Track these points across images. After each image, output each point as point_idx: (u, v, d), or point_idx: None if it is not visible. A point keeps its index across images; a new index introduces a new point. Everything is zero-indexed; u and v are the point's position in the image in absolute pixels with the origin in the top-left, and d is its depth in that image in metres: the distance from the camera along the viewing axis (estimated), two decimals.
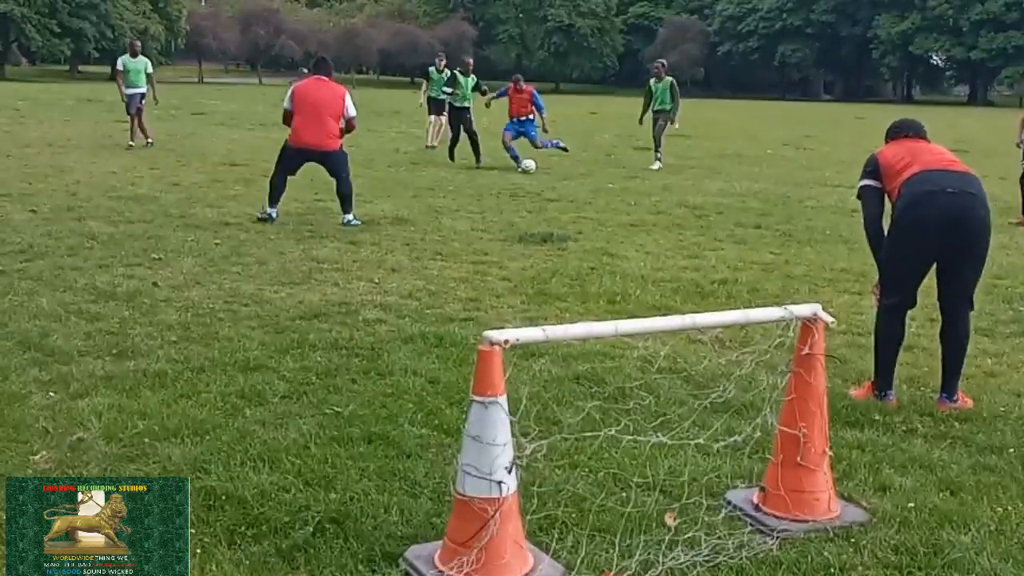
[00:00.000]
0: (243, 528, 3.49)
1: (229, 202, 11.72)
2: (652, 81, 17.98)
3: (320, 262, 8.42)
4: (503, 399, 3.14)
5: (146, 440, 4.28)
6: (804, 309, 3.74)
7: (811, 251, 9.92)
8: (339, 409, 4.75)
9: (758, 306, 6.37)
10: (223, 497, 3.70)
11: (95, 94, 36.57)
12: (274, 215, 10.46)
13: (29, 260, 7.97)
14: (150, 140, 17.94)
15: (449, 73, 18.22)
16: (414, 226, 10.60)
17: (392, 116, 30.82)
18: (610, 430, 3.55)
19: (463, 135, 17.18)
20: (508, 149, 16.77)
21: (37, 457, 4.07)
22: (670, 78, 17.86)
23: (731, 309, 5.97)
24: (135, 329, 6.07)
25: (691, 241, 10.30)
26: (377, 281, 7.78)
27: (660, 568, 3.29)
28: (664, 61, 19.02)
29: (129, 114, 17.83)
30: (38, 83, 37.54)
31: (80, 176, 13.64)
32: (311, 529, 3.47)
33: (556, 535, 3.45)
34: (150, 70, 18.10)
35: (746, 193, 14.65)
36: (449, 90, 17.50)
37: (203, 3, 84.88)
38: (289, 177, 10.65)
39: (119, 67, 18.46)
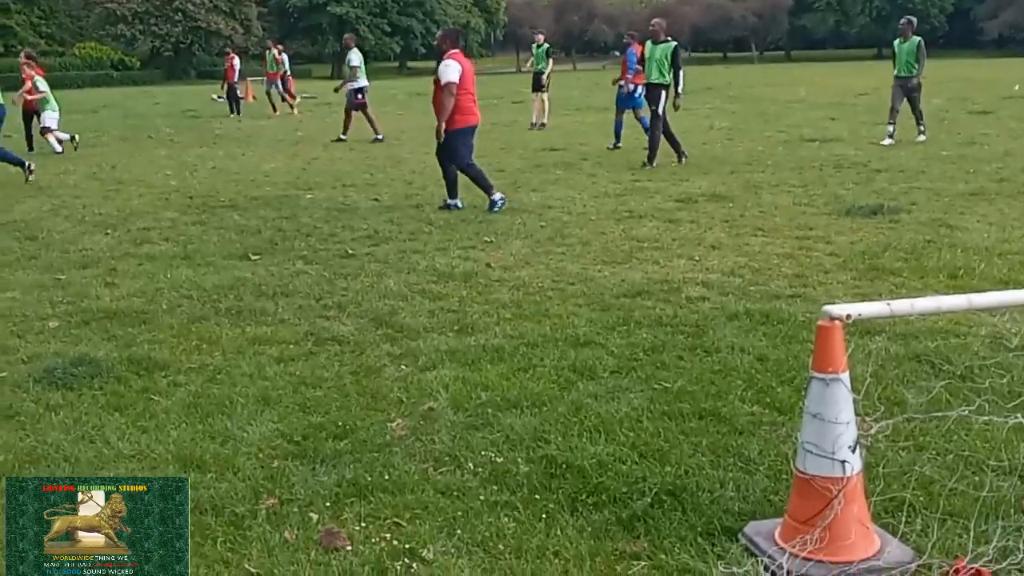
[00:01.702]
0: (584, 496, 3.62)
1: (550, 186, 12.09)
2: (896, 42, 15.70)
3: (640, 241, 8.50)
4: (846, 376, 3.04)
5: (489, 410, 4.53)
6: None
7: None
8: (668, 385, 4.79)
9: None
10: (563, 466, 3.86)
11: (423, 88, 38.87)
12: (499, 200, 10.43)
13: (375, 244, 8.65)
14: (378, 136, 18.59)
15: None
16: (732, 202, 10.45)
17: (704, 92, 30.45)
18: (963, 410, 3.33)
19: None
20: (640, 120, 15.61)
21: (394, 424, 4.42)
22: (918, 38, 15.52)
23: None
24: (473, 307, 6.43)
25: None
26: (698, 259, 7.74)
27: (1021, 555, 3.06)
28: (912, 19, 16.44)
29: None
30: (371, 80, 40.40)
31: (415, 166, 14.58)
32: (649, 500, 3.54)
33: (903, 518, 3.30)
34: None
35: None
36: None
37: None
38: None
39: (355, 63, 18.84)
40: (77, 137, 16.99)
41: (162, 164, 14.65)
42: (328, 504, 3.64)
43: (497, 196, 10.40)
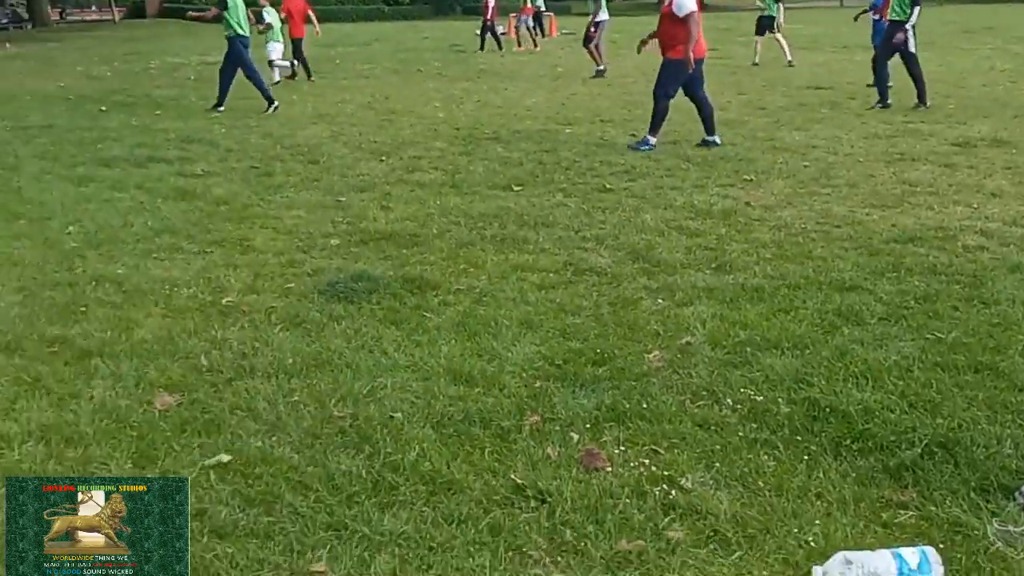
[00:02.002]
0: (848, 441, 3.55)
1: (815, 125, 11.63)
2: None
3: (912, 185, 8.07)
4: None
5: (748, 349, 4.49)
6: None
7: None
8: (941, 335, 4.57)
9: None
10: (826, 409, 3.79)
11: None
12: (650, 146, 10.16)
13: (632, 180, 8.66)
14: (600, 68, 18.19)
15: None
16: (1016, 148, 9.69)
17: (984, 32, 28.15)
18: None
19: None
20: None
21: (651, 356, 4.47)
22: None
23: None
24: (731, 246, 6.35)
25: None
26: (976, 206, 7.27)
27: None
28: None
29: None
30: (630, 16, 40.01)
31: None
32: (919, 451, 3.42)
33: None
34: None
35: None
36: None
37: None
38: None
39: None
40: (297, 69, 17.56)
41: (431, 96, 15.21)
42: (588, 426, 3.75)
43: (653, 140, 10.26)
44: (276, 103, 13.18)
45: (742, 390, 4.06)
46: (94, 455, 3.50)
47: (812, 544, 2.97)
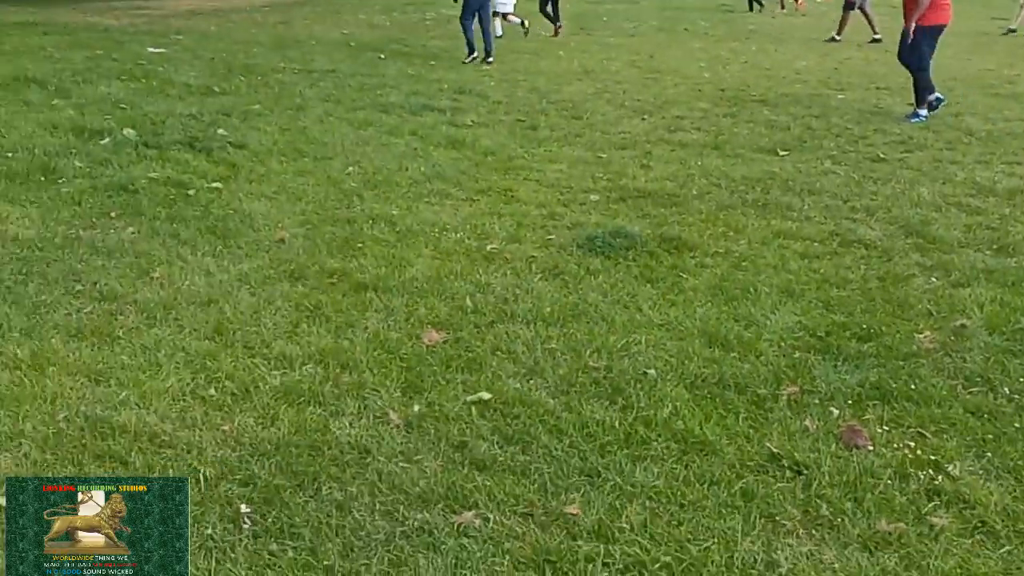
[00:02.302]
0: None
1: None
2: None
3: None
4: None
5: None
6: None
7: None
8: None
9: None
10: None
11: None
12: (924, 116, 9.58)
13: (909, 151, 8.21)
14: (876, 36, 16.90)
15: None
16: None
17: None
18: None
19: None
20: None
21: (922, 336, 4.26)
22: None
23: None
24: (1016, 227, 5.92)
25: None
26: None
27: None
28: None
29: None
30: None
31: (955, 72, 13.49)
32: None
33: None
34: None
35: None
36: None
37: None
38: None
39: None
40: (527, 23, 17.54)
41: (696, 56, 14.96)
42: (850, 402, 3.64)
43: (924, 112, 9.57)
44: (477, 55, 13.53)
45: (1021, 380, 3.81)
46: (367, 381, 3.74)
47: None
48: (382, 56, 13.81)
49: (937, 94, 9.82)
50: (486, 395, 3.65)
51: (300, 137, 8.10)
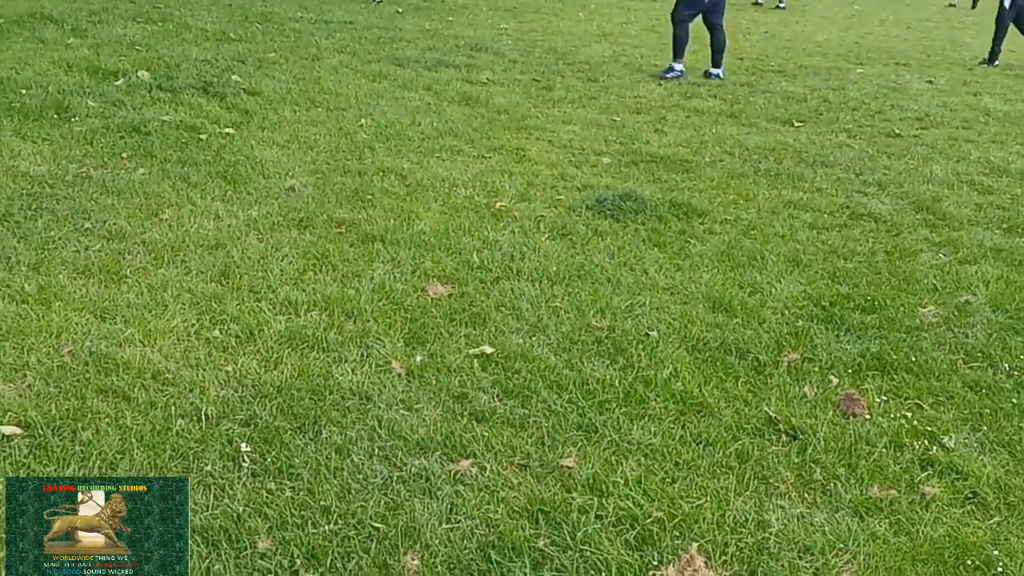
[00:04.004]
0: None
1: None
2: None
3: None
4: None
5: None
6: None
7: None
8: None
9: None
10: None
11: None
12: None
13: (924, 128, 8.17)
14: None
15: None
16: None
17: None
18: None
19: None
20: None
21: (925, 310, 4.27)
22: None
23: None
24: None
25: None
26: None
27: None
28: None
29: None
30: None
31: (978, 53, 13.40)
32: None
33: None
34: None
35: None
36: None
37: None
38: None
39: None
40: None
41: None
42: (849, 371, 3.65)
43: (678, 67, 9.99)
44: None
45: (1022, 357, 3.82)
46: (371, 329, 3.77)
47: None
48: (399, 10, 13.73)
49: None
50: (488, 349, 3.67)
51: (314, 87, 8.08)
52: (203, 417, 3.10)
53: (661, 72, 10.02)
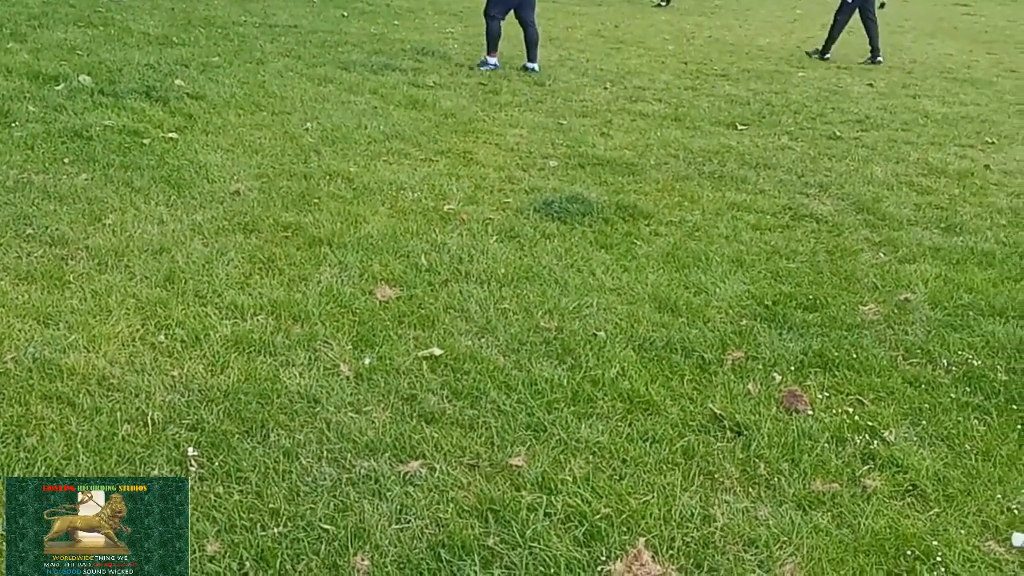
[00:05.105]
0: None
1: None
2: None
3: None
4: None
5: (970, 313, 4.32)
6: None
7: None
8: None
9: None
10: None
11: None
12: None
13: (865, 130, 8.33)
14: None
15: None
16: None
17: None
18: None
19: None
20: None
21: (866, 308, 4.36)
22: None
23: None
24: (964, 207, 6.05)
25: None
26: None
27: None
28: None
29: None
30: None
31: (916, 56, 13.68)
32: None
33: None
34: None
35: None
36: None
37: None
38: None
39: None
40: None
41: (661, 28, 14.99)
42: (792, 368, 3.72)
43: (492, 60, 10.26)
44: None
45: (959, 353, 3.92)
46: (318, 333, 3.76)
47: (1015, 512, 2.88)
48: (345, 14, 13.67)
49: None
50: (437, 351, 3.68)
51: (259, 91, 8.02)
52: (149, 422, 3.08)
53: (476, 64, 10.34)
